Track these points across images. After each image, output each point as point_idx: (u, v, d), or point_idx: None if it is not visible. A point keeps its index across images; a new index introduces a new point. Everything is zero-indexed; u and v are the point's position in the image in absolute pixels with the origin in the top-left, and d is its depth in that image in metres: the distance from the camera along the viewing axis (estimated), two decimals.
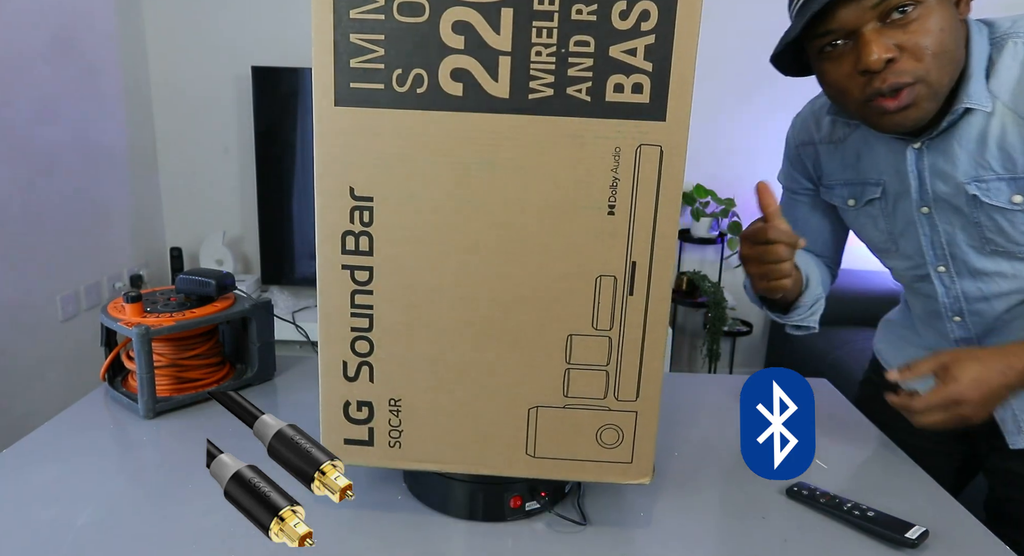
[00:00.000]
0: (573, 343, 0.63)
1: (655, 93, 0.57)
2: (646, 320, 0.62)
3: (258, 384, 1.01)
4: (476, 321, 0.63)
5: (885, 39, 0.71)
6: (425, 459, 0.68)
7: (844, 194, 0.94)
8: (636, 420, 0.65)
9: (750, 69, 2.73)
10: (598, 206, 0.59)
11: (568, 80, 0.57)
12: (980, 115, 0.77)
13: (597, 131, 0.58)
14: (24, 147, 1.97)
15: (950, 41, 0.72)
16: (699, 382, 1.10)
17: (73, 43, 2.17)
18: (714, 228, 2.72)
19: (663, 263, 0.61)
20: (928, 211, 0.85)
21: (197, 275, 0.95)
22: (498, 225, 0.60)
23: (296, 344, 2.53)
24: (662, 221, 0.59)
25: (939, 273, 0.88)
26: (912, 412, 0.77)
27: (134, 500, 0.72)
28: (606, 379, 0.64)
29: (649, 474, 0.67)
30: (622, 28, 0.56)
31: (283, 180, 2.58)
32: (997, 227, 0.80)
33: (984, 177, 0.78)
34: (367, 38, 0.57)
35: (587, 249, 0.60)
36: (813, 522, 0.72)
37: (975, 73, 0.76)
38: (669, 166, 0.58)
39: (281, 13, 2.61)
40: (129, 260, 2.53)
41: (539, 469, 0.67)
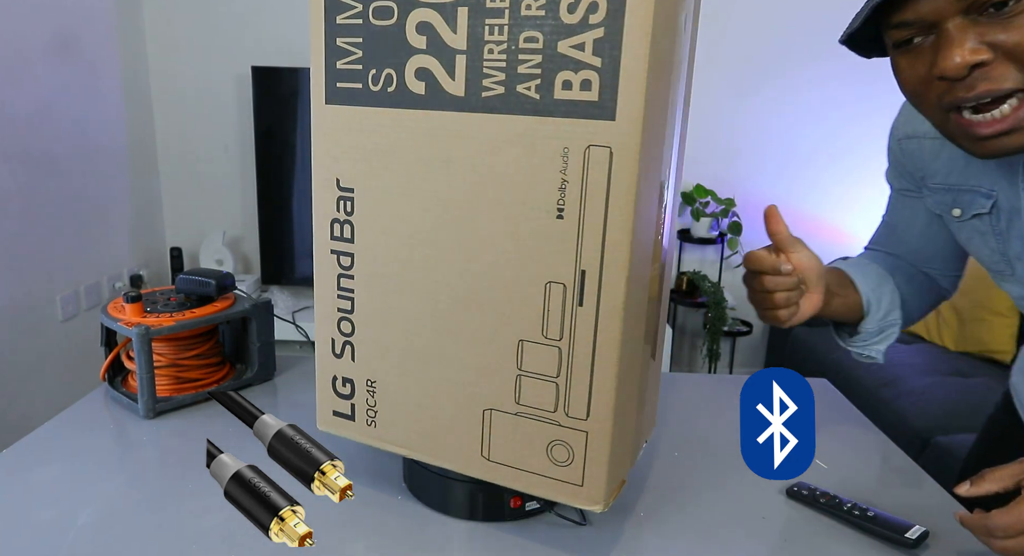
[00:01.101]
0: (524, 349, 0.60)
1: (604, 91, 0.52)
2: (596, 335, 0.57)
3: (258, 384, 1.01)
4: (438, 315, 0.64)
5: (974, 38, 0.56)
6: (395, 442, 0.70)
7: (947, 202, 0.78)
8: (586, 440, 0.60)
9: (750, 68, 2.74)
10: (547, 209, 0.56)
11: (518, 77, 0.55)
12: None
13: (546, 130, 0.55)
14: (24, 147, 1.97)
15: None
16: (699, 382, 1.10)
17: (73, 43, 2.17)
18: (714, 228, 2.72)
19: (614, 274, 0.55)
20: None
21: (197, 275, 0.95)
22: (456, 222, 0.61)
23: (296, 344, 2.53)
24: (612, 228, 0.54)
25: None
26: (988, 532, 0.60)
27: (134, 500, 0.72)
28: (556, 392, 0.60)
29: (601, 502, 0.61)
30: (570, 22, 0.53)
31: (283, 180, 2.58)
32: None
33: None
34: (349, 41, 0.62)
35: (537, 253, 0.58)
36: (813, 522, 0.72)
37: None
38: (620, 169, 0.53)
39: (281, 13, 2.61)
40: (129, 260, 2.53)
41: (493, 474, 0.65)
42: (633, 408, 0.64)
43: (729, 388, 1.07)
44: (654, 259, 0.62)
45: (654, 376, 0.71)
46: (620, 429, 0.60)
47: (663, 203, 0.62)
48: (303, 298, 2.68)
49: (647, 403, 0.71)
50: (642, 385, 0.66)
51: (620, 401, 0.59)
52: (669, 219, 0.64)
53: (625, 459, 0.65)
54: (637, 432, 0.68)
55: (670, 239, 0.67)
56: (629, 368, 0.60)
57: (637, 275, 0.57)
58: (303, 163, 2.57)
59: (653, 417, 0.76)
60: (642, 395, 0.67)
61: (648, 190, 0.56)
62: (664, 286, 0.68)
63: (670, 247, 0.67)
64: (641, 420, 0.69)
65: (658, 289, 0.66)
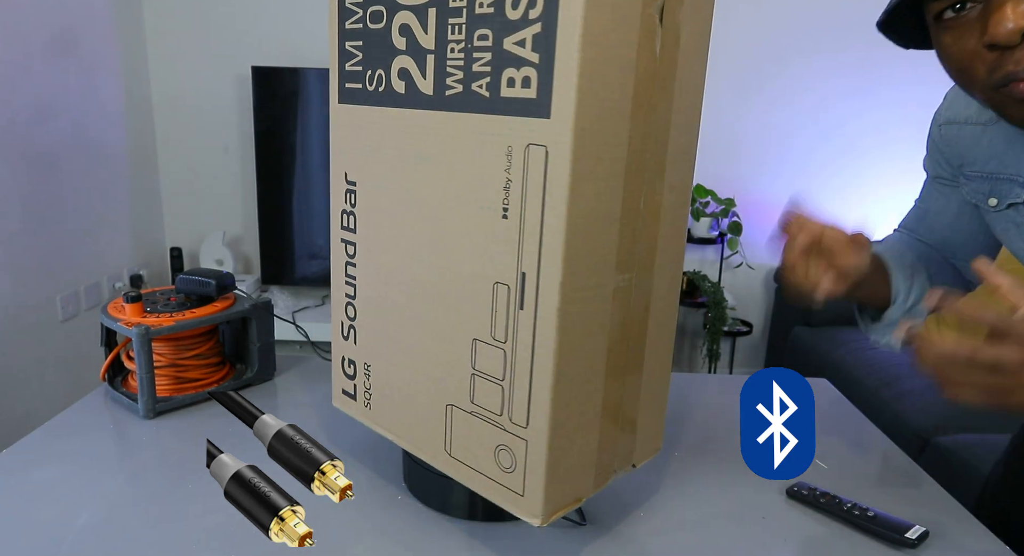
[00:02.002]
0: (477, 348, 0.60)
1: (541, 88, 0.51)
2: (534, 340, 0.55)
3: (258, 384, 1.01)
4: (413, 308, 0.66)
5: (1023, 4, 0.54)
6: (384, 427, 0.73)
7: (984, 190, 0.76)
8: (526, 449, 0.58)
9: (750, 68, 2.74)
10: (494, 208, 0.56)
11: (473, 76, 0.56)
12: None
13: (493, 128, 0.55)
14: (24, 147, 1.97)
15: None
16: (699, 382, 1.10)
17: (73, 43, 2.17)
18: (714, 228, 2.72)
19: (548, 278, 0.53)
20: None
21: (197, 275, 0.95)
22: (425, 218, 0.63)
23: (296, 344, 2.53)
24: (547, 231, 0.52)
25: None
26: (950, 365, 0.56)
27: (134, 500, 0.72)
28: (502, 394, 0.59)
29: (539, 515, 0.58)
30: (513, 18, 0.52)
31: (283, 180, 2.58)
32: None
33: None
34: (353, 44, 0.66)
35: (486, 253, 0.57)
36: (813, 522, 0.72)
37: None
38: (554, 169, 0.51)
39: (281, 13, 2.61)
40: (129, 260, 2.53)
41: (455, 470, 0.65)
42: (592, 423, 0.60)
43: (729, 388, 1.08)
44: (620, 268, 0.57)
45: (650, 394, 0.66)
46: (567, 442, 0.58)
47: (637, 208, 0.58)
48: (303, 298, 2.68)
49: (632, 422, 0.66)
50: (612, 401, 0.62)
51: (561, 412, 0.56)
52: (669, 227, 0.62)
53: (582, 476, 0.62)
54: (608, 451, 0.64)
55: (668, 250, 0.62)
56: (578, 380, 0.57)
57: (583, 283, 0.54)
58: (303, 163, 2.57)
59: (653, 440, 0.70)
60: (616, 412, 0.63)
61: (598, 192, 0.53)
62: (656, 299, 0.63)
63: (667, 258, 0.62)
64: (619, 439, 0.65)
65: (633, 300, 0.60)
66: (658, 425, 0.70)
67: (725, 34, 2.67)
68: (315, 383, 1.03)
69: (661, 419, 0.71)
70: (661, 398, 0.69)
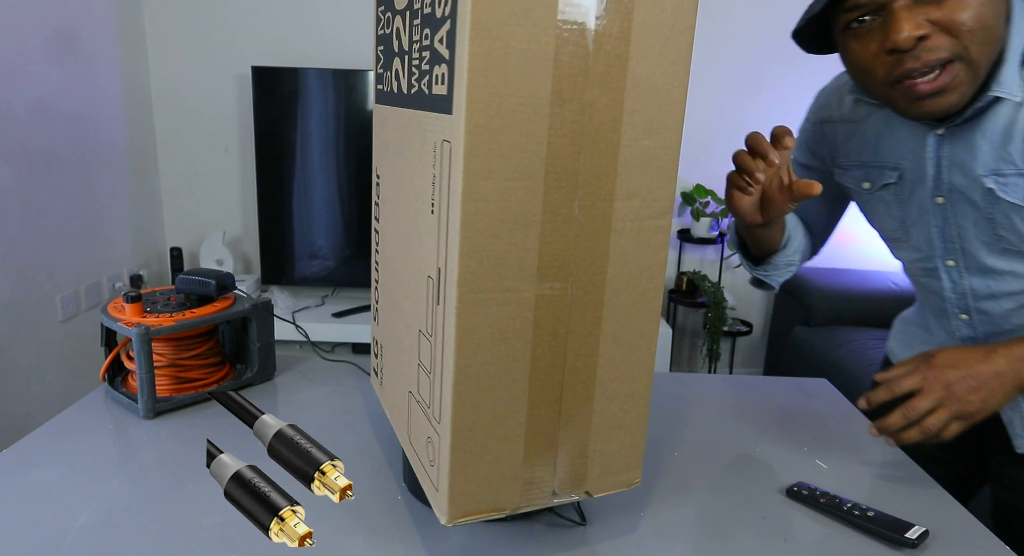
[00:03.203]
0: (420, 340, 0.61)
1: (449, 84, 0.51)
2: (443, 337, 0.55)
3: (258, 384, 1.01)
4: (394, 295, 0.71)
5: (917, 15, 0.67)
6: (387, 407, 0.78)
7: (859, 177, 0.91)
8: (438, 445, 0.57)
9: (750, 68, 2.74)
10: (426, 203, 0.57)
11: (421, 74, 0.58)
12: (1010, 105, 0.73)
13: (426, 124, 0.56)
14: (24, 147, 1.97)
15: (990, 16, 0.67)
16: (699, 382, 1.10)
17: (73, 43, 2.17)
18: (714, 228, 2.72)
19: (451, 275, 0.53)
20: (943, 201, 0.81)
21: (197, 275, 0.95)
22: (399, 211, 0.67)
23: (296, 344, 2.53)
24: (450, 228, 0.52)
25: (948, 267, 0.86)
26: (891, 427, 0.75)
27: (134, 500, 0.72)
28: (430, 387, 0.59)
29: (445, 514, 0.58)
30: (438, 15, 0.53)
31: (283, 180, 2.58)
32: (1011, 225, 0.77)
33: (1004, 171, 0.75)
34: (379, 50, 0.73)
35: (423, 246, 0.59)
36: (813, 522, 0.72)
37: (1010, 58, 0.72)
38: (454, 166, 0.51)
39: (281, 13, 2.61)
40: (129, 260, 2.53)
41: (412, 457, 0.66)
42: (515, 435, 0.58)
43: (729, 388, 1.08)
44: (544, 276, 0.55)
45: (611, 420, 0.61)
46: (478, 447, 0.57)
47: (569, 214, 0.54)
48: (303, 298, 2.68)
49: (581, 446, 0.61)
50: (545, 416, 0.59)
51: (466, 413, 0.55)
52: (629, 239, 0.57)
53: (504, 488, 0.59)
54: (544, 468, 0.60)
55: (629, 263, 0.58)
56: (488, 385, 0.55)
57: (489, 285, 0.53)
58: (303, 163, 2.57)
59: (623, 472, 0.64)
60: (551, 430, 0.59)
61: (503, 192, 0.51)
62: (612, 315, 0.58)
63: (628, 272, 0.58)
64: (561, 460, 0.61)
65: (569, 313, 0.57)
66: (630, 457, 0.64)
67: (725, 34, 2.68)
68: (315, 383, 1.03)
69: (635, 451, 0.64)
70: (631, 426, 0.63)
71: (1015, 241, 0.78)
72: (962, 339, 0.91)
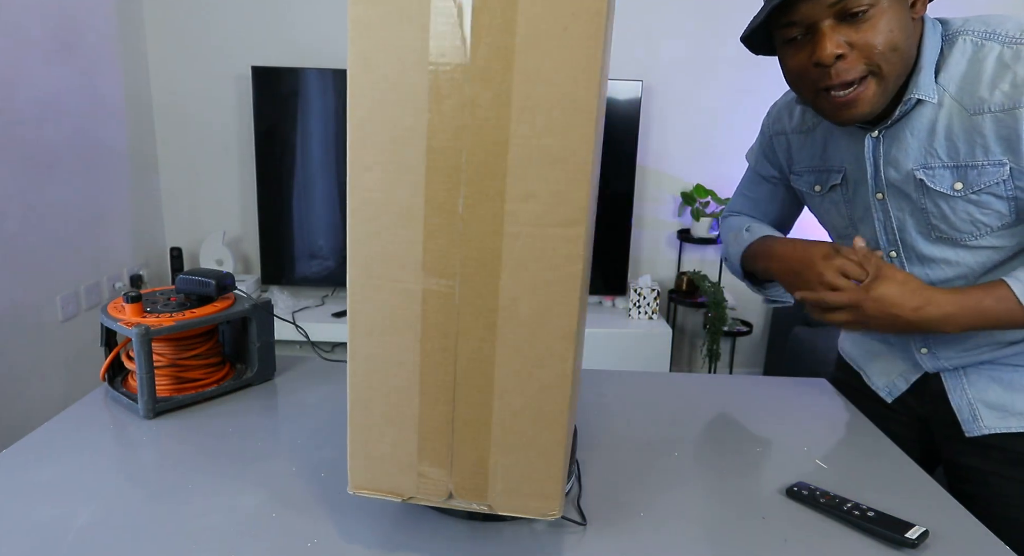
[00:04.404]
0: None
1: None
2: (348, 316, 0.60)
3: (258, 384, 1.01)
4: None
5: (839, 36, 0.77)
6: None
7: (811, 181, 0.99)
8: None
9: (750, 69, 2.74)
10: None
11: None
12: (931, 106, 0.82)
13: None
14: (24, 147, 1.98)
15: (900, 39, 0.77)
16: (699, 382, 1.10)
17: (73, 43, 2.17)
18: (714, 228, 2.72)
19: (349, 259, 0.58)
20: (882, 197, 0.90)
21: (197, 275, 0.95)
22: None
23: (296, 344, 2.53)
24: (348, 218, 0.58)
25: (891, 258, 0.92)
26: (818, 304, 0.83)
27: (134, 500, 0.72)
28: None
29: (349, 482, 0.62)
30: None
31: (283, 180, 2.58)
32: (941, 213, 0.85)
33: (931, 164, 0.83)
34: None
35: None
36: (813, 522, 0.72)
37: (925, 66, 0.81)
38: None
39: (281, 13, 2.61)
40: (129, 260, 2.53)
41: None
42: (407, 424, 0.60)
43: (729, 388, 1.08)
44: (431, 271, 0.55)
45: (514, 444, 0.59)
46: (375, 429, 0.60)
47: (452, 211, 0.54)
48: (303, 298, 2.68)
49: (481, 456, 0.60)
50: (437, 416, 0.59)
51: (361, 390, 0.60)
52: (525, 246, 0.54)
53: (400, 474, 0.62)
54: (438, 466, 0.61)
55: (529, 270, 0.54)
56: (380, 370, 0.58)
57: (375, 272, 0.56)
58: (303, 163, 2.57)
59: (535, 498, 0.61)
60: (445, 432, 0.59)
61: (381, 182, 0.54)
62: (510, 325, 0.56)
63: (528, 281, 0.54)
64: (457, 465, 0.60)
65: (461, 313, 0.56)
66: (544, 484, 0.60)
67: (725, 33, 2.68)
68: (315, 383, 1.03)
69: (550, 479, 0.60)
70: (543, 450, 0.59)
71: (946, 229, 0.86)
72: None
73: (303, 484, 0.75)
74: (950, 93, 0.81)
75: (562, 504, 0.61)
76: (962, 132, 0.80)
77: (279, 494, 0.73)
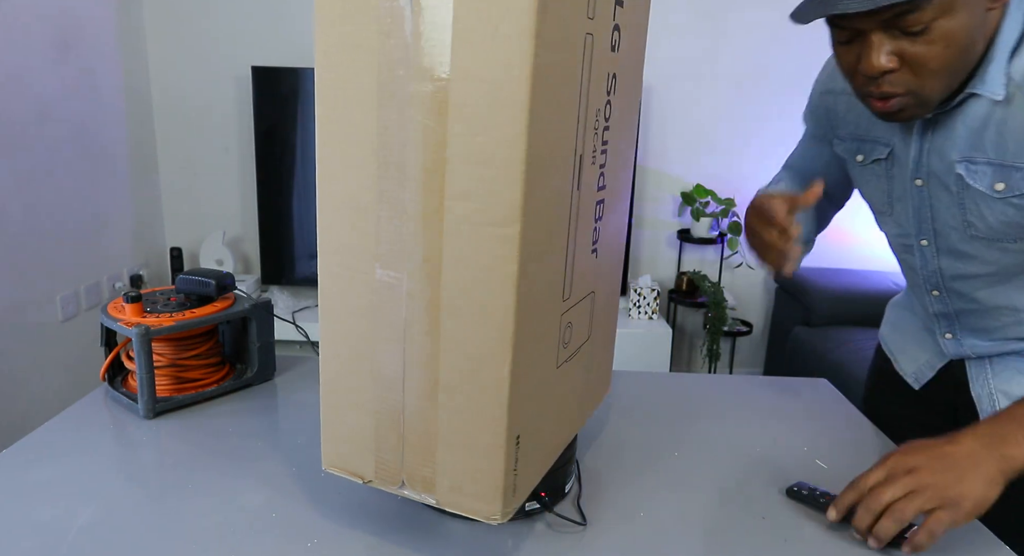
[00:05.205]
0: None
1: None
2: None
3: (258, 384, 1.01)
4: None
5: (889, 47, 0.71)
6: None
7: (853, 149, 0.94)
8: None
9: (750, 69, 2.74)
10: None
11: None
12: (990, 100, 0.75)
13: None
14: (24, 147, 1.98)
15: (955, 56, 0.71)
16: (699, 382, 1.10)
17: (73, 43, 2.17)
18: (714, 228, 2.72)
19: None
20: (922, 184, 0.85)
21: (197, 275, 0.95)
22: None
23: (296, 344, 2.53)
24: None
25: (921, 246, 0.89)
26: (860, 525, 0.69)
27: (134, 500, 0.72)
28: None
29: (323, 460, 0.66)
30: None
31: (283, 180, 2.58)
32: (979, 212, 0.80)
33: (975, 159, 0.78)
34: None
35: None
36: (813, 522, 0.72)
37: (997, 57, 0.73)
38: None
39: (281, 13, 2.61)
40: (129, 260, 2.53)
41: None
42: (364, 409, 0.62)
43: (729, 388, 1.08)
44: (382, 262, 0.56)
45: (455, 438, 0.58)
46: (340, 408, 0.63)
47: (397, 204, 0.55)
48: (303, 298, 2.68)
49: (422, 449, 0.60)
50: (388, 406, 0.60)
51: (329, 368, 0.62)
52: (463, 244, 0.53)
53: (360, 456, 0.64)
54: (389, 452, 0.62)
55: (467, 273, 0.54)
56: (343, 353, 0.61)
57: (341, 260, 0.60)
58: (303, 163, 2.57)
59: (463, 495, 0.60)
60: (395, 422, 0.60)
61: (340, 174, 0.59)
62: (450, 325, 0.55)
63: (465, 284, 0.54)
64: (402, 451, 0.61)
65: (408, 307, 0.56)
66: (484, 486, 0.58)
67: (725, 33, 2.68)
68: (315, 383, 1.03)
69: (490, 481, 0.58)
70: (483, 452, 0.57)
71: (982, 228, 0.80)
72: (935, 315, 0.94)
73: (303, 484, 0.75)
74: (1016, 81, 0.73)
75: (506, 511, 0.59)
76: (1019, 129, 0.73)
77: (279, 494, 0.73)
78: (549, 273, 0.58)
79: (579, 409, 0.74)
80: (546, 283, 0.57)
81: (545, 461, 0.66)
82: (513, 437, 0.57)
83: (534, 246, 0.53)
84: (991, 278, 0.85)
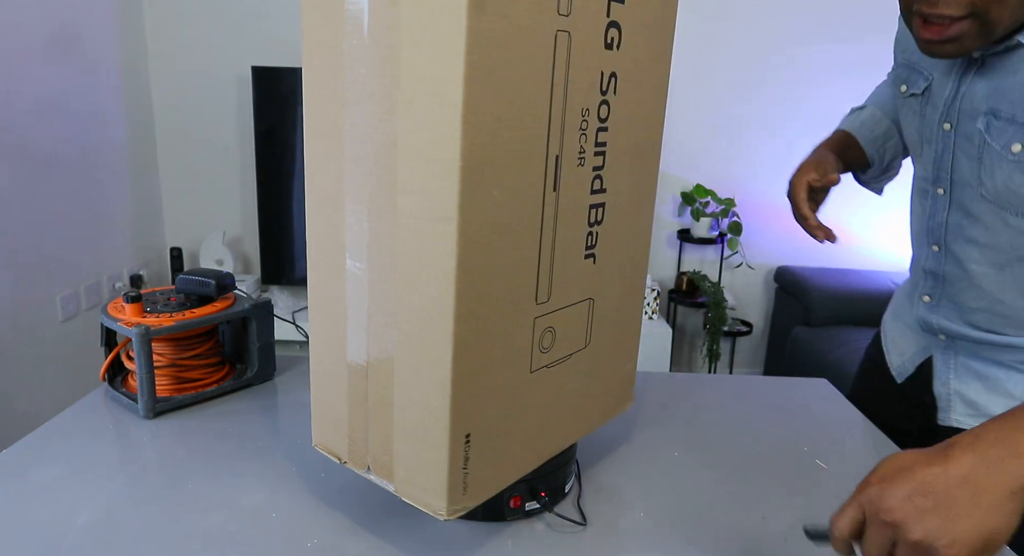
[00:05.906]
0: None
1: None
2: None
3: (258, 384, 1.01)
4: None
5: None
6: None
7: (902, 77, 0.89)
8: None
9: (750, 70, 2.74)
10: None
11: None
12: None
13: None
14: (24, 147, 1.97)
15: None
16: (699, 382, 1.10)
17: (73, 42, 2.17)
18: (714, 228, 2.72)
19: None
20: (949, 128, 0.80)
21: (197, 275, 0.95)
22: None
23: (296, 344, 2.53)
24: None
25: (937, 194, 0.85)
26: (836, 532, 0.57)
27: (134, 500, 0.72)
28: None
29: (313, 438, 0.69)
30: None
31: (283, 180, 2.58)
32: (991, 170, 0.75)
33: (1000, 113, 0.72)
34: None
35: None
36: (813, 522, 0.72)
37: None
38: None
39: (281, 13, 2.61)
40: (129, 260, 2.53)
41: None
42: (338, 392, 0.65)
43: (729, 388, 1.08)
44: (351, 254, 0.59)
45: (408, 430, 0.59)
46: (323, 389, 0.66)
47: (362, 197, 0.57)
48: (303, 298, 2.68)
49: (383, 436, 0.61)
50: (356, 391, 0.62)
51: (316, 355, 0.66)
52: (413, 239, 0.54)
53: (338, 438, 0.67)
54: (359, 440, 0.64)
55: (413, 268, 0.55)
56: (325, 337, 0.64)
57: (321, 250, 0.62)
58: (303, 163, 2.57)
59: (415, 487, 0.60)
60: (361, 407, 0.62)
61: (319, 170, 0.61)
62: (406, 319, 0.56)
63: (413, 281, 0.55)
64: (366, 436, 0.63)
65: (358, 290, 0.59)
66: (431, 479, 0.58)
67: (725, 33, 2.68)
68: None
69: (435, 475, 0.58)
70: (430, 445, 0.57)
71: (991, 190, 0.77)
72: (924, 271, 0.91)
73: (303, 484, 0.75)
74: None
75: (453, 508, 0.58)
76: None
77: (279, 494, 0.73)
78: (508, 274, 0.57)
79: (577, 418, 0.72)
80: (504, 284, 0.56)
81: (520, 465, 0.65)
82: (460, 434, 0.57)
83: (481, 245, 0.53)
84: (988, 251, 0.81)
